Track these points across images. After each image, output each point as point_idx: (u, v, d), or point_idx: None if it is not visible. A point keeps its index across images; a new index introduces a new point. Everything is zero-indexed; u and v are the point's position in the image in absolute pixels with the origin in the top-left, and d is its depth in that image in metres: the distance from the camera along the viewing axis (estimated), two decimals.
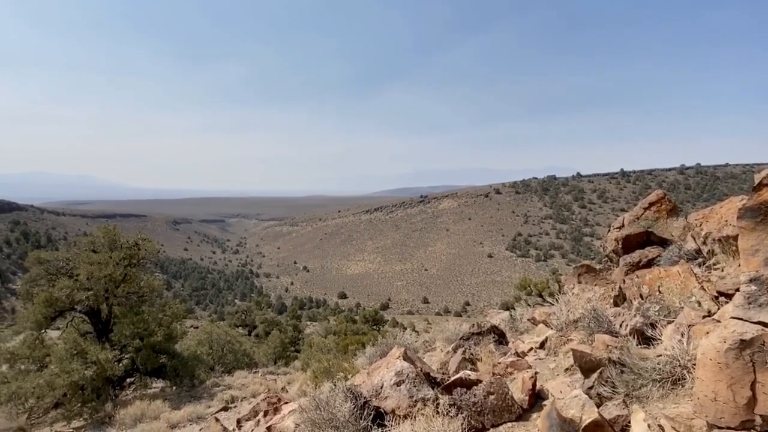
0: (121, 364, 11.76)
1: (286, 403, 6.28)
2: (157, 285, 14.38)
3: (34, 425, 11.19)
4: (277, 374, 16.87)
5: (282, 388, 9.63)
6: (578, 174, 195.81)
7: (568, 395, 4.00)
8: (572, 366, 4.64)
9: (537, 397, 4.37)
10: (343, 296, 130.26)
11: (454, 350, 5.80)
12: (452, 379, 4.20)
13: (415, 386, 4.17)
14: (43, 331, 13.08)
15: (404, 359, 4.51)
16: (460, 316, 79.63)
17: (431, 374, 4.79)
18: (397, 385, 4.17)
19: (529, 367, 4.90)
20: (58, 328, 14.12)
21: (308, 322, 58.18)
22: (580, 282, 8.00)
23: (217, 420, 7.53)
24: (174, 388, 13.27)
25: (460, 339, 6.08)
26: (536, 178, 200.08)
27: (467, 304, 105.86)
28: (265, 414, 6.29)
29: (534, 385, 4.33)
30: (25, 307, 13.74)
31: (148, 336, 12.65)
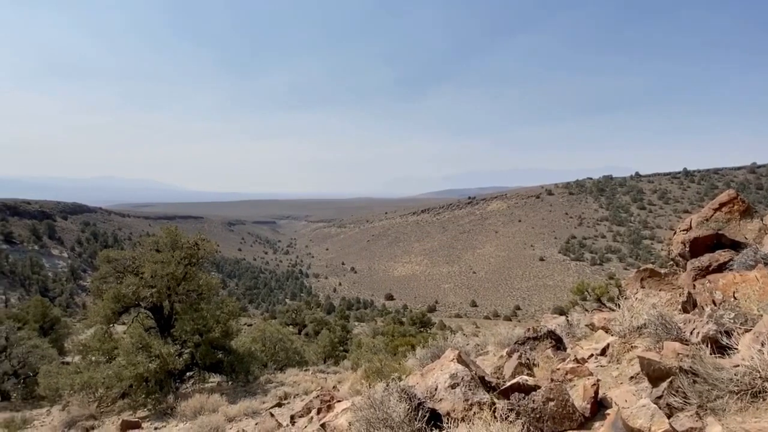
0: (181, 359, 12.31)
1: (339, 401, 6.35)
2: (215, 283, 14.98)
3: (103, 413, 11.93)
4: (327, 373, 17.13)
5: (333, 387, 9.77)
6: (637, 174, 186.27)
7: (635, 405, 3.80)
8: (638, 374, 4.41)
9: (599, 406, 4.18)
10: (390, 298, 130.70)
11: (509, 354, 5.66)
12: (509, 383, 4.10)
13: (470, 389, 4.10)
14: (111, 325, 13.96)
15: (458, 362, 4.45)
16: (510, 320, 77.83)
17: (486, 378, 4.69)
18: (452, 388, 4.12)
19: (590, 374, 4.70)
20: (124, 323, 15.02)
21: (356, 323, 58.87)
22: (643, 287, 7.60)
23: (272, 415, 7.75)
24: (230, 383, 13.78)
25: (515, 343, 5.92)
26: (591, 179, 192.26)
27: (517, 308, 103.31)
28: (319, 411, 6.39)
29: (596, 392, 4.14)
30: (95, 303, 14.70)
31: (207, 332, 13.22)
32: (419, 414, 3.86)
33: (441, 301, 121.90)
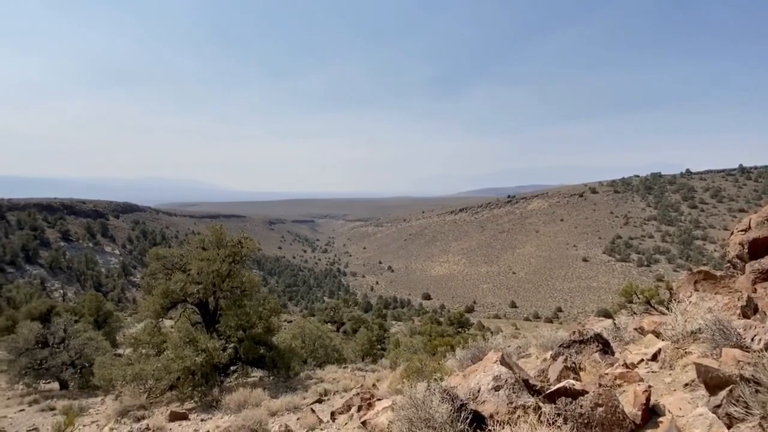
0: (226, 353, 12.69)
1: (379, 399, 6.38)
2: (257, 281, 15.37)
3: (153, 404, 12.44)
4: (366, 371, 17.25)
5: (372, 385, 9.83)
6: (688, 171, 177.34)
7: (691, 413, 3.62)
8: (693, 381, 4.20)
9: (651, 413, 4.01)
10: (427, 297, 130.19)
11: (554, 358, 5.52)
12: (555, 387, 3.99)
13: (514, 392, 4.03)
14: (160, 320, 14.57)
15: (502, 364, 4.37)
16: (551, 322, 75.86)
17: (530, 381, 4.59)
18: (495, 390, 4.05)
19: (641, 379, 4.52)
20: (171, 318, 15.63)
21: (393, 322, 58.98)
22: (697, 290, 7.23)
23: (312, 411, 7.87)
24: (271, 378, 14.10)
25: (560, 346, 5.77)
26: (638, 176, 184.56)
27: (559, 310, 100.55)
28: (359, 409, 6.44)
29: (648, 399, 3.98)
30: (145, 298, 15.37)
31: (250, 328, 13.59)
32: (462, 415, 3.82)
33: (479, 302, 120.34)
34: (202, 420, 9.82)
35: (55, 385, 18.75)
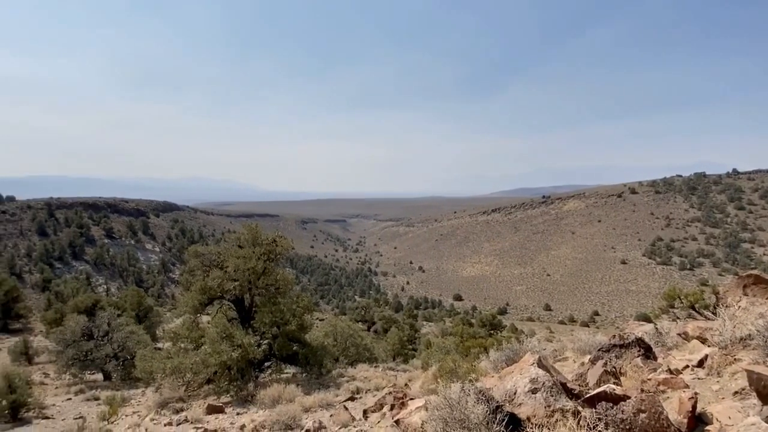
0: (260, 349, 12.93)
1: (412, 399, 6.37)
2: (291, 279, 15.61)
3: (190, 397, 12.84)
4: (397, 371, 17.25)
5: (405, 385, 9.82)
6: (734, 170, 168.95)
7: (741, 422, 3.45)
8: (743, 389, 4.01)
9: (697, 421, 3.85)
10: (458, 298, 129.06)
11: (592, 362, 5.37)
12: (595, 391, 3.88)
13: (551, 395, 3.94)
14: (198, 315, 15.00)
15: (539, 366, 4.28)
16: (587, 326, 73.83)
17: (567, 385, 4.48)
18: (533, 393, 3.97)
19: (686, 386, 4.34)
20: (208, 314, 16.05)
21: (424, 322, 58.74)
22: (746, 294, 6.89)
23: (345, 408, 7.93)
24: (304, 374, 14.29)
25: (599, 350, 5.60)
26: (681, 176, 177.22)
27: (596, 313, 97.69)
28: (392, 408, 6.45)
29: (694, 406, 3.82)
30: (183, 294, 15.85)
31: (284, 325, 13.81)
32: (497, 417, 3.77)
33: (512, 304, 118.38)
34: (237, 414, 10.05)
35: (99, 376, 19.57)
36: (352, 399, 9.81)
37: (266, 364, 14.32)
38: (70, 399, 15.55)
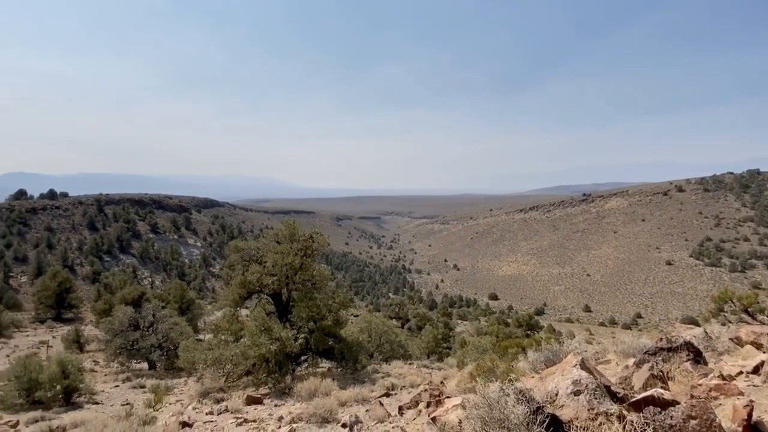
0: (297, 343, 13.17)
1: (448, 397, 6.33)
2: (327, 274, 15.80)
3: (230, 387, 13.21)
4: (431, 368, 17.19)
5: (441, 383, 9.77)
6: None
7: None
8: None
9: (753, 430, 3.65)
10: (494, 297, 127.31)
11: (637, 365, 5.17)
12: (641, 395, 3.73)
13: (595, 398, 3.82)
14: (237, 308, 15.42)
15: (581, 368, 4.16)
16: (629, 329, 71.29)
17: (612, 388, 4.34)
18: (575, 395, 3.86)
19: (740, 393, 4.12)
20: (246, 308, 16.45)
21: (458, 321, 58.25)
22: None
23: (381, 404, 7.96)
24: (339, 369, 14.45)
25: (645, 353, 5.39)
26: (732, 173, 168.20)
27: (638, 316, 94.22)
28: (428, 405, 6.42)
29: (749, 415, 3.62)
30: (224, 288, 16.31)
31: (320, 320, 14.01)
32: (538, 418, 3.68)
33: (550, 304, 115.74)
34: (275, 405, 10.27)
35: (145, 365, 20.44)
36: (387, 395, 9.84)
37: (303, 357, 14.56)
38: (117, 386, 16.32)
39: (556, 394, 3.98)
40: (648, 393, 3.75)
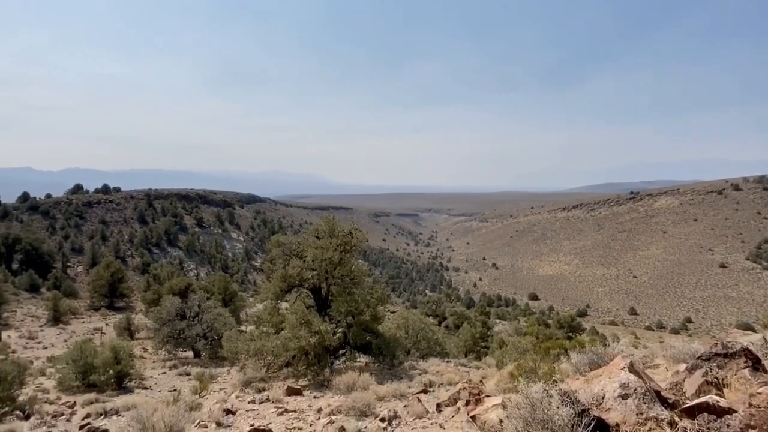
0: (336, 337, 13.37)
1: (488, 396, 6.26)
2: (365, 270, 15.93)
3: (271, 378, 13.55)
4: (469, 367, 17.01)
5: (480, 381, 9.67)
6: None
7: None
8: None
9: None
10: (534, 297, 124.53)
11: (689, 370, 4.93)
12: (695, 402, 3.57)
13: (644, 402, 3.68)
14: (279, 301, 15.79)
15: (630, 371, 4.02)
16: (678, 333, 68.11)
17: (662, 393, 4.17)
18: (623, 398, 3.74)
19: None
20: (286, 301, 16.81)
21: (497, 320, 57.35)
22: None
23: (419, 400, 7.96)
24: (376, 364, 14.54)
25: (698, 358, 5.13)
26: None
27: (688, 320, 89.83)
28: (467, 403, 6.37)
29: None
30: (265, 282, 16.72)
31: (358, 314, 14.15)
32: (583, 421, 3.59)
33: (593, 306, 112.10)
34: (315, 397, 10.46)
35: (190, 354, 21.27)
36: (425, 392, 9.82)
37: (341, 351, 14.76)
38: (165, 373, 17.07)
39: (603, 397, 3.86)
40: (702, 399, 3.58)
